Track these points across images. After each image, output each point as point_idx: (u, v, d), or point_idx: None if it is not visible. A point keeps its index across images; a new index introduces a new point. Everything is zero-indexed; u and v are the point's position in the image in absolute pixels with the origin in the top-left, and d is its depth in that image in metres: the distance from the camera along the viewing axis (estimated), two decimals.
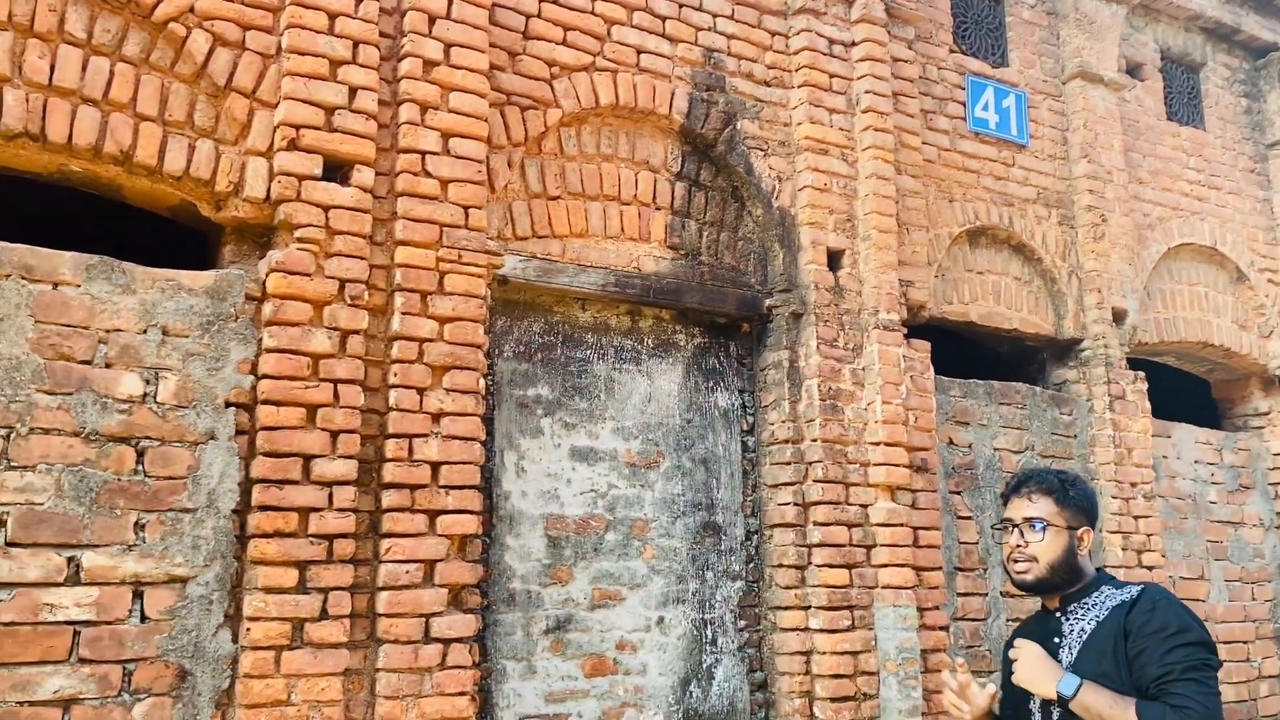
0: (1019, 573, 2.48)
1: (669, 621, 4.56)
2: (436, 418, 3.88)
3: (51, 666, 3.23)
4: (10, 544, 3.23)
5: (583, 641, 4.35)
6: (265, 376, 3.64)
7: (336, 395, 3.71)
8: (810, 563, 4.71)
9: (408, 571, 3.75)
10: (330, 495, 3.65)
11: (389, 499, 3.77)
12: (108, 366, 3.46)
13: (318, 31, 3.88)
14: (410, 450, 3.82)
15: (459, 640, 3.81)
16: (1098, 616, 2.39)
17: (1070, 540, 2.46)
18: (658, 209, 4.79)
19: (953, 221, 5.64)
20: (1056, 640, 2.45)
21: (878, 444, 4.88)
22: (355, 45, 3.95)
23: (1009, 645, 2.55)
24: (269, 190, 3.78)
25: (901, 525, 4.87)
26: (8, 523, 3.23)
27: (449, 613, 3.80)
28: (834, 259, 5.04)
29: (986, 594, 5.38)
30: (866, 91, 5.21)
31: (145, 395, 3.51)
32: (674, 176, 4.89)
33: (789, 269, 5.02)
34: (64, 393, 3.37)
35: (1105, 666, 2.31)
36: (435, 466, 3.85)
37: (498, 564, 4.21)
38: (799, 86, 5.13)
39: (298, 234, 3.76)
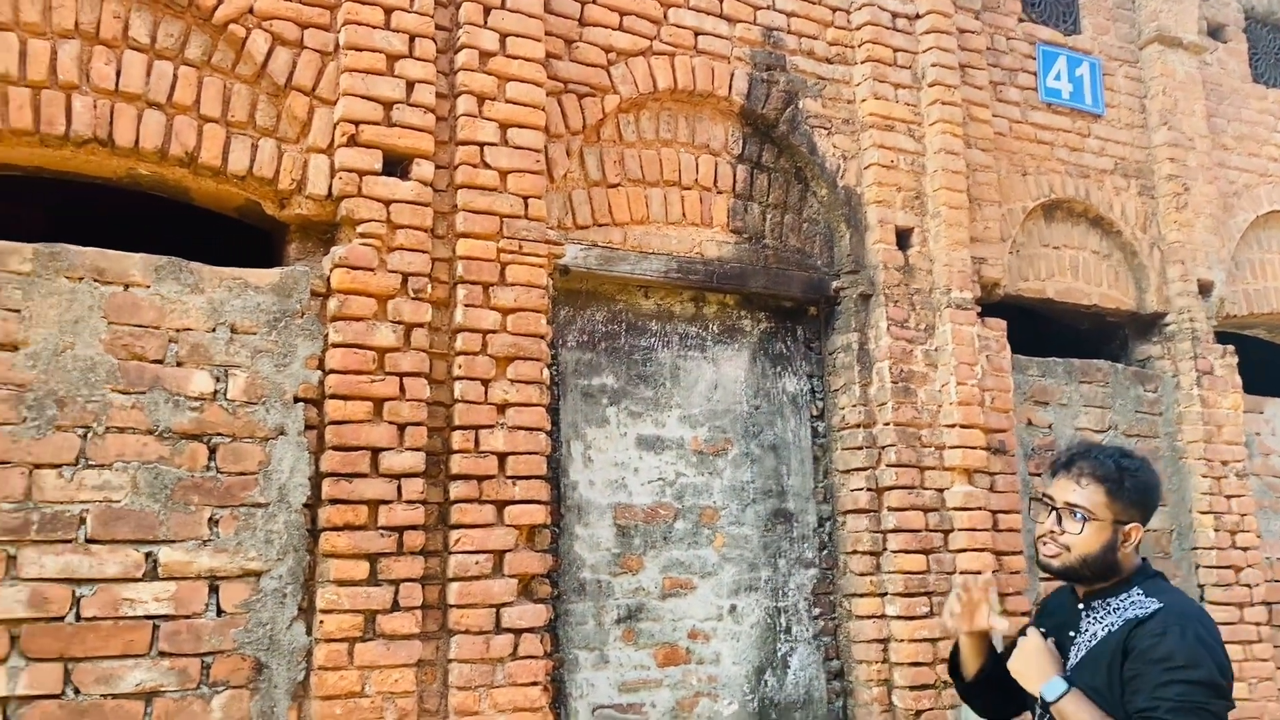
0: (1047, 556, 2.28)
1: (741, 610, 4.50)
2: (502, 409, 3.87)
3: (133, 660, 3.30)
4: (90, 540, 3.30)
5: (654, 631, 4.32)
6: (332, 371, 3.67)
7: (402, 388, 3.72)
8: (885, 549, 4.61)
9: (477, 562, 3.75)
10: (399, 487, 3.66)
11: (457, 490, 3.77)
12: (179, 365, 3.51)
13: (374, 27, 3.89)
14: (477, 442, 3.81)
15: (530, 630, 3.80)
16: (1112, 624, 2.18)
17: (1114, 536, 2.22)
18: (719, 193, 4.72)
19: (1026, 196, 5.46)
20: (1072, 635, 2.28)
21: (953, 426, 4.75)
22: (412, 39, 3.95)
23: (1038, 614, 2.46)
24: (331, 187, 3.80)
25: (979, 509, 4.74)
26: (87, 520, 3.31)
27: (519, 603, 3.80)
28: (903, 238, 4.92)
29: None
30: (932, 65, 5.07)
31: (215, 393, 3.55)
32: (735, 159, 4.81)
33: (856, 249, 4.91)
34: (137, 392, 3.43)
35: (1099, 681, 2.13)
36: (502, 457, 3.84)
37: (567, 554, 4.20)
38: (862, 62, 5.01)
39: (360, 229, 3.77)
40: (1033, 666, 2.20)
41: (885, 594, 4.58)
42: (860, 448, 4.70)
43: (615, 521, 4.33)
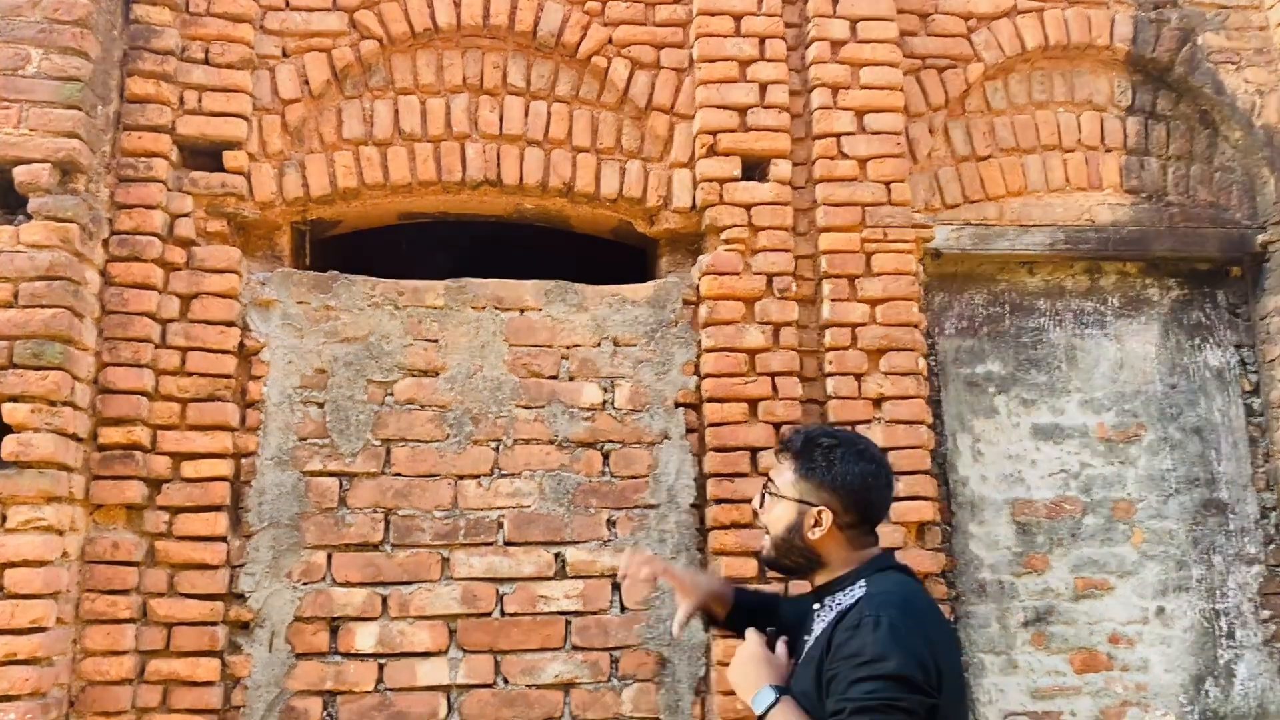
0: (760, 547, 2.08)
1: (1170, 612, 4.01)
2: (877, 403, 3.76)
3: (550, 653, 3.55)
4: (508, 543, 3.62)
5: (1068, 634, 3.96)
6: (707, 376, 3.76)
7: (775, 388, 3.74)
8: None
9: None
10: None
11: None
12: (570, 379, 3.77)
13: (725, 36, 3.96)
14: None
15: None
16: (827, 620, 1.89)
17: (799, 519, 1.95)
18: (1108, 151, 4.28)
19: None
20: (806, 638, 1.96)
21: None
22: (762, 42, 3.98)
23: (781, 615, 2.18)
24: (694, 198, 3.91)
25: None
26: (504, 524, 3.63)
27: None
28: None
29: None
30: None
31: (604, 403, 3.76)
32: (1124, 112, 4.33)
33: None
34: (538, 406, 3.73)
35: (808, 685, 1.84)
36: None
37: (962, 553, 3.98)
38: None
39: (724, 235, 3.84)
40: (747, 676, 1.94)
41: None
42: None
43: (1014, 518, 4.03)
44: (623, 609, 3.62)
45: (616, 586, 3.62)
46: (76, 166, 3.33)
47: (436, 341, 3.73)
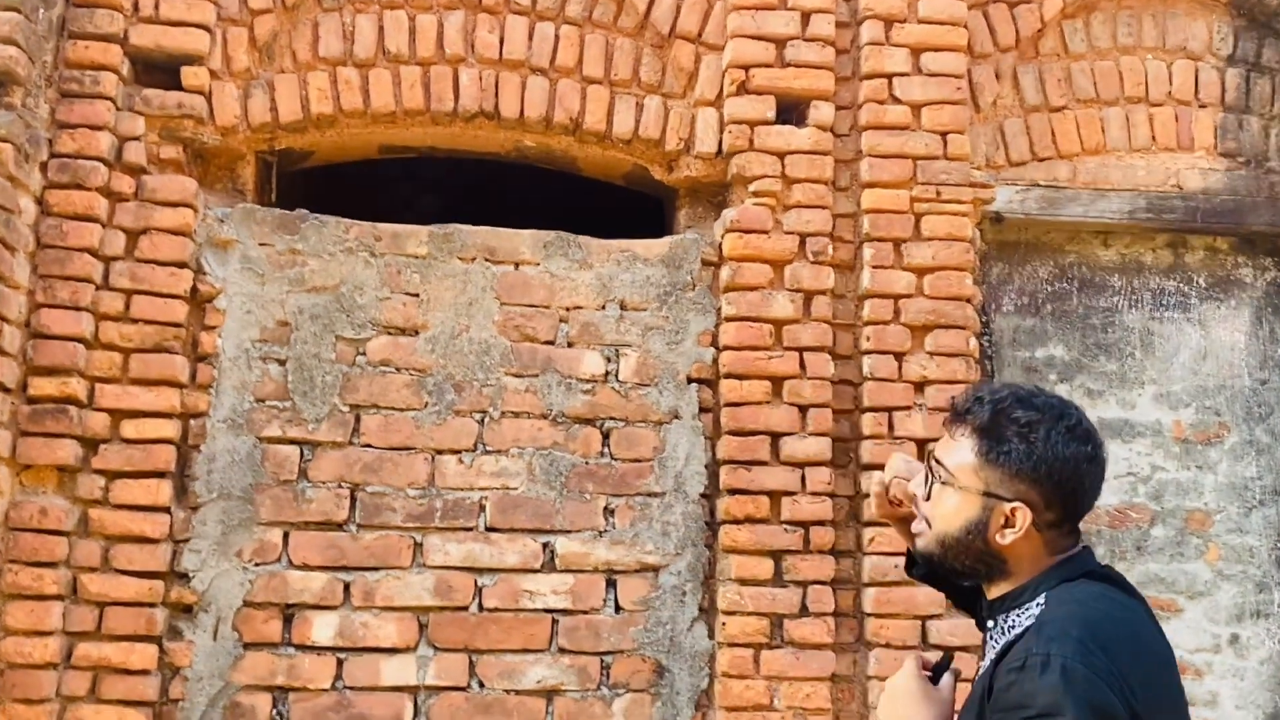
0: (915, 534, 1.63)
1: (1245, 641, 3.71)
2: (920, 387, 3.53)
3: (533, 655, 3.36)
4: (490, 529, 3.41)
5: None
6: (726, 348, 3.56)
7: (803, 365, 3.53)
8: None
9: (896, 566, 3.36)
10: (803, 477, 3.47)
11: (869, 482, 3.36)
12: (569, 346, 3.55)
13: None
14: (890, 425, 3.52)
15: (964, 649, 3.30)
16: (995, 649, 1.53)
17: (982, 515, 1.51)
18: (1202, 106, 3.95)
19: None
20: (982, 665, 1.63)
21: None
22: None
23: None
24: (720, 143, 3.67)
25: None
26: (487, 507, 3.41)
27: (950, 616, 3.38)
28: None
29: None
30: None
31: (607, 374, 3.56)
32: (1224, 62, 3.98)
33: None
34: (530, 375, 3.51)
35: None
36: (921, 444, 3.44)
37: None
38: None
39: (752, 188, 3.60)
40: (897, 717, 1.60)
41: None
42: None
43: None
44: (618, 609, 3.43)
45: (611, 582, 3.43)
46: (12, 78, 3.09)
47: (417, 296, 3.49)
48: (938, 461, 1.59)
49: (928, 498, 1.60)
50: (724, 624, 3.36)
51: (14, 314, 3.07)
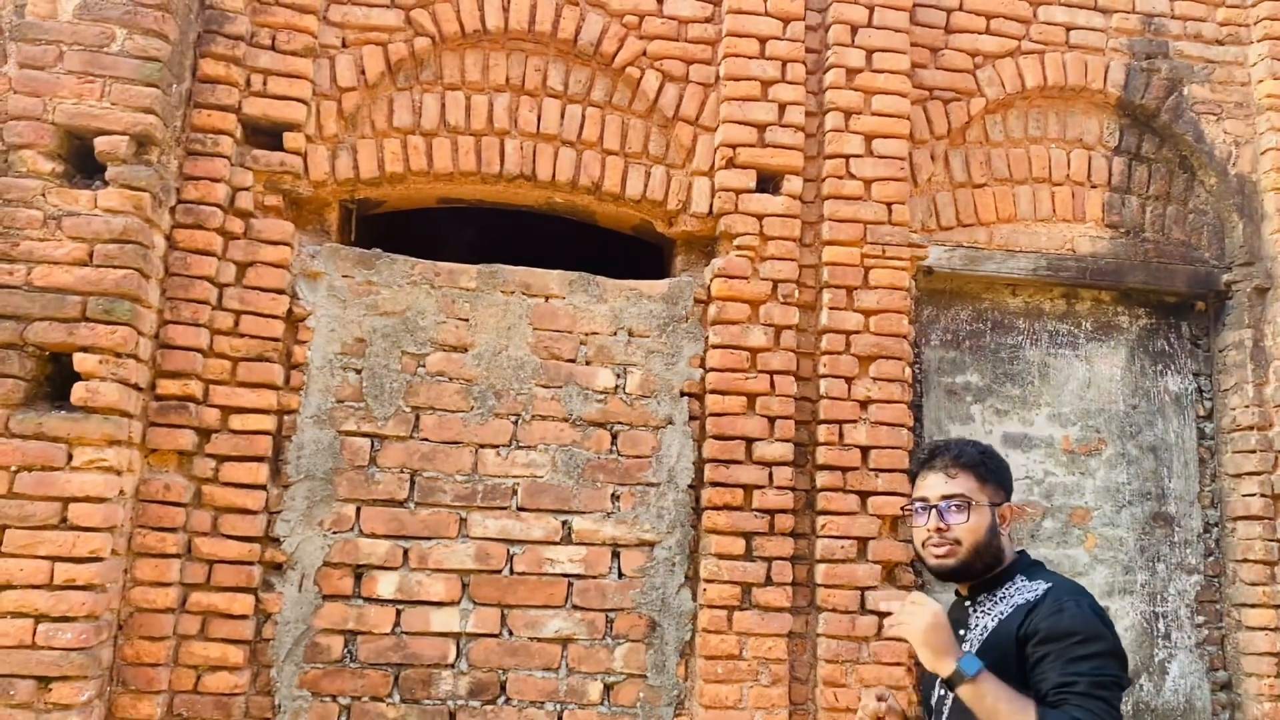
0: (939, 558, 2.15)
1: (1115, 612, 4.36)
2: (864, 405, 4.03)
3: (552, 610, 3.81)
4: (521, 509, 3.88)
5: None
6: (712, 369, 4.02)
7: (773, 385, 4.00)
8: None
9: (842, 546, 3.93)
10: (770, 474, 3.94)
11: (823, 479, 3.99)
12: (587, 364, 4.02)
13: (750, 57, 4.21)
14: (841, 435, 4.01)
15: (889, 614, 3.90)
16: (1001, 613, 2.10)
17: (993, 518, 2.16)
18: (1093, 187, 4.57)
19: None
20: (961, 633, 2.14)
21: None
22: (784, 65, 4.23)
23: None
24: (711, 205, 4.16)
25: None
26: (518, 491, 3.89)
27: (883, 588, 3.92)
28: None
29: None
30: None
31: (616, 387, 4.02)
32: (1111, 152, 4.63)
33: (1250, 240, 4.56)
34: (555, 386, 3.99)
35: (999, 670, 1.96)
36: (865, 450, 4.00)
37: None
38: (1259, 41, 4.63)
39: (736, 242, 4.10)
40: (941, 640, 1.95)
41: None
42: (1253, 451, 4.38)
43: None
44: (620, 575, 3.88)
45: (616, 554, 3.89)
46: (152, 140, 3.52)
47: (467, 320, 3.97)
48: (950, 495, 2.14)
49: (948, 528, 2.13)
50: (705, 590, 3.81)
51: (147, 329, 3.50)
